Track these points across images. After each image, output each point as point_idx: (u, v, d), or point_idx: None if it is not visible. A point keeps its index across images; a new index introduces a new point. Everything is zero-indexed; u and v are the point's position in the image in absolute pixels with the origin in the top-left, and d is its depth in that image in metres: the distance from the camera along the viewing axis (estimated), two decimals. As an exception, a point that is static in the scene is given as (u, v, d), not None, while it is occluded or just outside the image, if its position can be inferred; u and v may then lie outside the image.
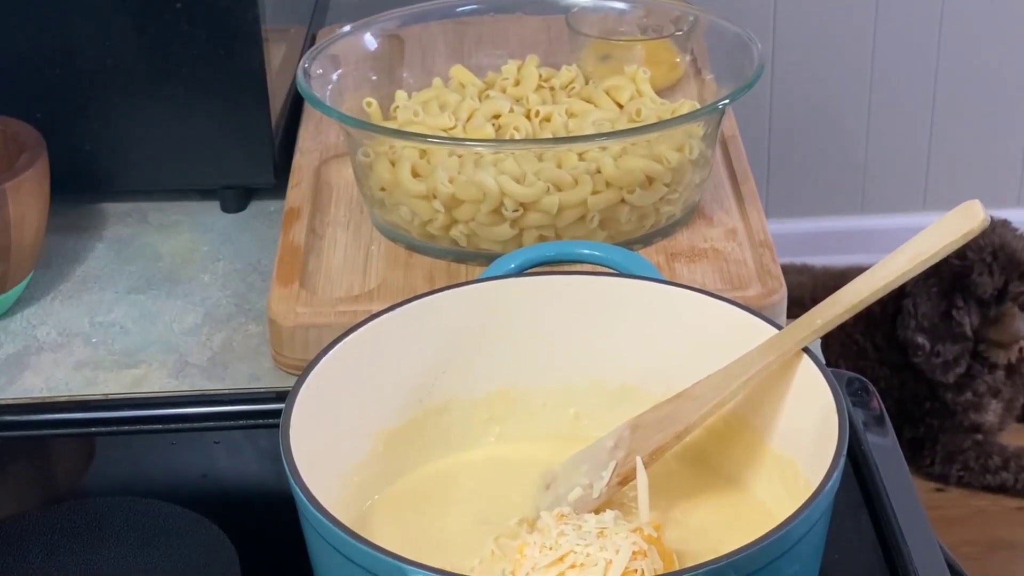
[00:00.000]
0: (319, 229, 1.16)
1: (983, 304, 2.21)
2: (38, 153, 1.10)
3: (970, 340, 2.22)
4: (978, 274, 2.19)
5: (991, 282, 2.19)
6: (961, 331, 2.21)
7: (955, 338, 2.21)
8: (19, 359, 1.10)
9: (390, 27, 1.26)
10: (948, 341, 2.21)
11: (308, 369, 0.81)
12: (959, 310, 2.20)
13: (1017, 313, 2.20)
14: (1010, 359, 2.26)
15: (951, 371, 2.23)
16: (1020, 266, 2.21)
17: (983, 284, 2.19)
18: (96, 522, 0.93)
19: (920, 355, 2.23)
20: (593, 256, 0.96)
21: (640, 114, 1.17)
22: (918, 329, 2.22)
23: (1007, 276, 2.20)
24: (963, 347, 2.22)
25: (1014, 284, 2.20)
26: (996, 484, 2.26)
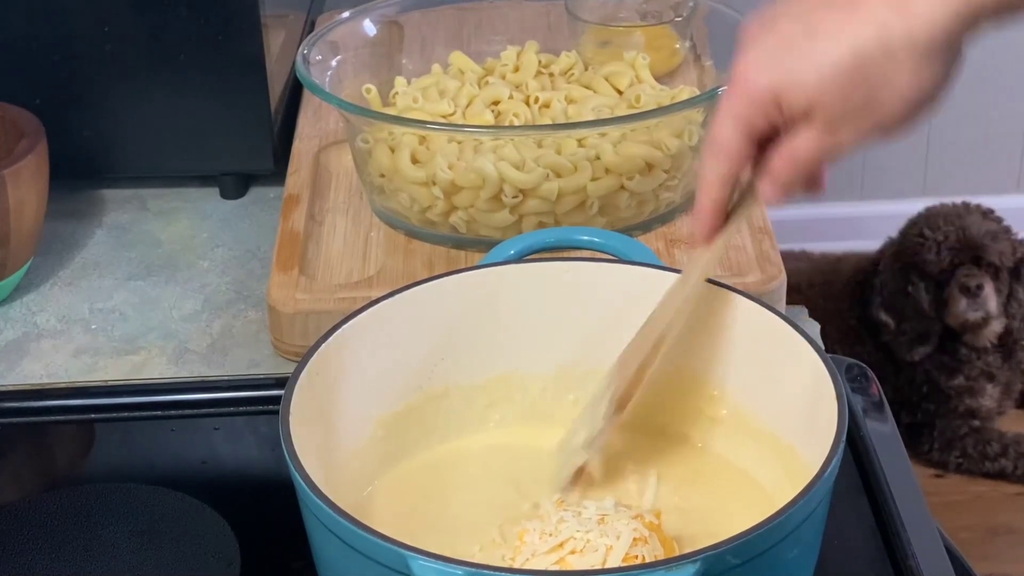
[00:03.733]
0: (318, 215, 1.16)
1: (938, 285, 2.23)
2: (37, 139, 1.10)
3: (932, 318, 2.23)
4: (927, 252, 2.22)
5: (936, 261, 2.22)
6: (919, 308, 2.22)
7: (916, 315, 2.23)
8: (19, 345, 1.10)
9: (389, 13, 1.26)
10: (911, 318, 2.23)
11: (308, 355, 0.81)
12: (915, 286, 2.23)
13: (959, 296, 2.21)
14: (987, 342, 2.27)
15: (915, 349, 2.24)
16: (973, 250, 2.22)
17: (930, 263, 2.22)
18: (96, 508, 0.93)
19: (887, 333, 2.25)
20: (592, 243, 0.96)
21: (640, 100, 1.17)
22: (882, 307, 2.25)
23: (956, 259, 2.22)
24: (926, 325, 2.23)
25: (963, 267, 2.22)
26: (995, 471, 2.27)
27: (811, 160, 0.76)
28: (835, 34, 0.72)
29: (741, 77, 0.76)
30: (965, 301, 2.21)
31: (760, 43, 0.75)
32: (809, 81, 0.73)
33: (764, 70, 0.75)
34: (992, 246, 2.23)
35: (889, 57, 0.72)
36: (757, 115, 0.76)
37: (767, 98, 0.75)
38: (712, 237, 0.82)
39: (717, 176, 0.79)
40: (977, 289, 2.21)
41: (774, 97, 0.75)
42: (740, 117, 0.76)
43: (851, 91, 0.73)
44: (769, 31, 0.75)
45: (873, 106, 0.73)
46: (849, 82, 0.72)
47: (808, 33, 0.73)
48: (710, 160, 0.79)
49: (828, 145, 0.75)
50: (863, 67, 0.72)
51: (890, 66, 0.72)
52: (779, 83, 0.74)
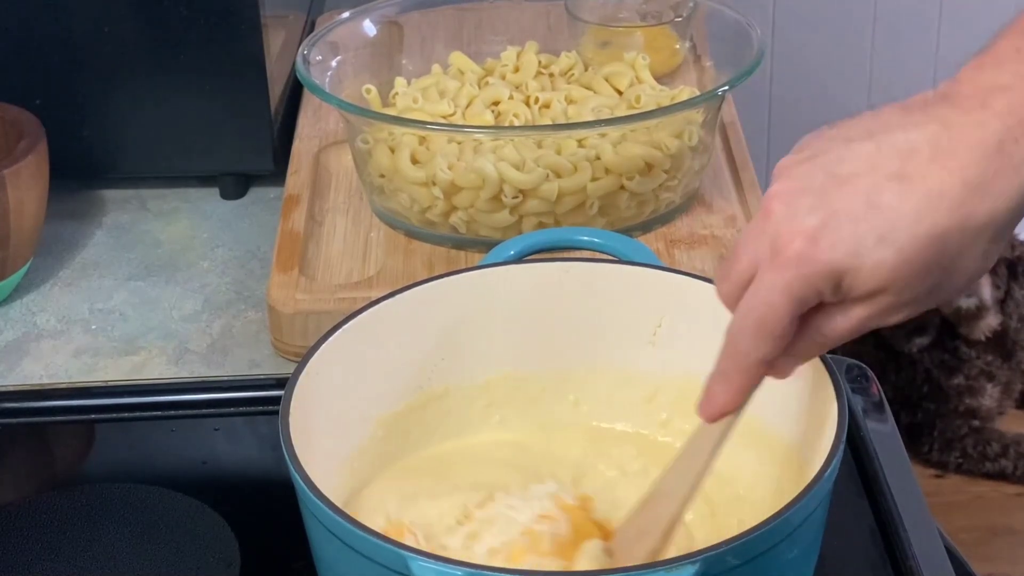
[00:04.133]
0: (318, 216, 1.16)
1: None
2: (37, 139, 1.10)
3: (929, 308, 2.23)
4: None
5: None
6: None
7: None
8: (19, 346, 1.10)
9: (389, 14, 1.26)
10: None
11: (308, 356, 0.81)
12: None
13: None
14: (984, 334, 2.27)
15: (913, 340, 2.25)
16: None
17: None
18: (96, 509, 0.93)
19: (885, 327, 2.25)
20: (592, 243, 0.96)
21: (639, 101, 1.17)
22: None
23: None
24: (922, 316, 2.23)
25: None
26: (995, 471, 2.27)
27: (847, 338, 0.70)
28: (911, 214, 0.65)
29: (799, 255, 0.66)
30: None
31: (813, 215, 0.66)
32: (886, 263, 0.65)
33: (827, 248, 0.66)
34: None
35: (966, 240, 0.66)
36: (812, 294, 0.67)
37: (828, 279, 0.66)
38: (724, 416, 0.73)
39: (760, 358, 0.70)
40: None
41: (836, 279, 0.66)
42: (795, 296, 0.67)
43: (926, 275, 0.66)
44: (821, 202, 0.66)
45: (937, 289, 0.67)
46: (926, 266, 0.66)
47: (874, 210, 0.65)
48: (752, 340, 0.69)
49: (874, 324, 0.69)
50: (941, 250, 0.65)
51: (967, 250, 0.66)
52: (847, 266, 0.66)
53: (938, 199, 0.65)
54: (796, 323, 0.68)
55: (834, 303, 0.68)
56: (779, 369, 0.71)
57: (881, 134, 0.67)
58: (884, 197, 0.66)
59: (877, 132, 0.67)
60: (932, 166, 0.66)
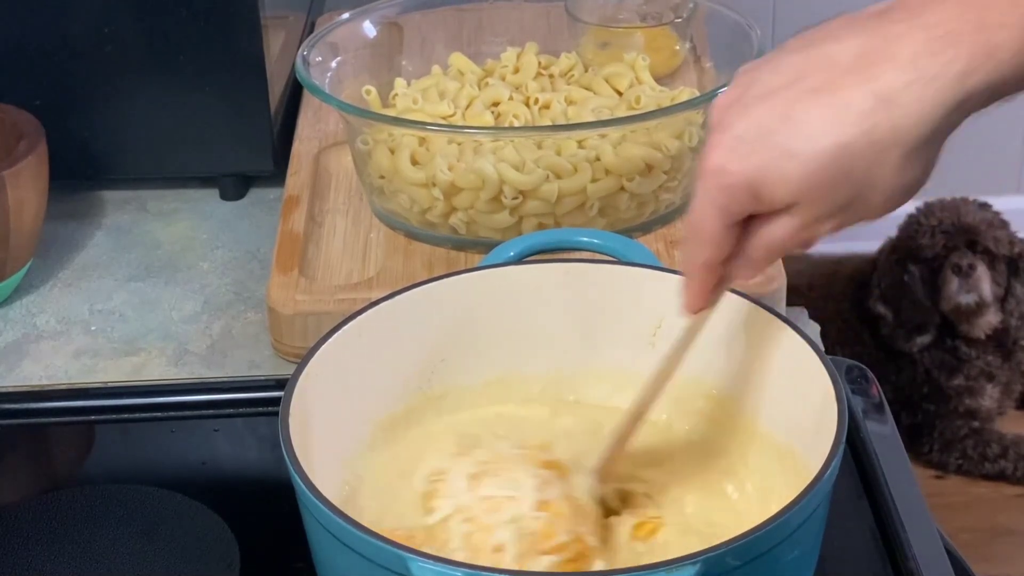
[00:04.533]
0: (318, 217, 1.16)
1: (933, 273, 2.24)
2: (37, 140, 1.10)
3: (928, 308, 2.24)
4: (921, 236, 2.23)
5: (931, 245, 2.23)
6: (915, 297, 2.23)
7: (912, 305, 2.24)
8: (18, 347, 1.10)
9: (389, 14, 1.26)
10: (907, 307, 2.24)
11: (307, 357, 0.81)
12: (910, 274, 2.23)
13: (952, 278, 2.22)
14: (984, 332, 2.27)
15: (914, 339, 2.25)
16: (967, 234, 2.23)
17: (924, 247, 2.23)
18: (95, 510, 0.93)
19: (886, 326, 2.26)
20: (592, 244, 0.96)
21: (639, 101, 1.17)
22: (881, 299, 2.26)
23: (950, 242, 2.23)
24: (924, 316, 2.24)
25: (956, 253, 2.23)
26: (995, 472, 2.27)
27: (789, 247, 0.72)
28: (817, 126, 0.67)
29: (716, 165, 0.70)
30: (957, 282, 2.22)
31: (734, 128, 0.70)
32: (790, 176, 0.68)
33: (739, 160, 0.69)
34: (987, 232, 2.24)
35: (875, 153, 0.67)
36: (735, 204, 0.70)
37: (743, 190, 0.70)
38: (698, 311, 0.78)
39: (701, 262, 0.75)
40: (969, 269, 2.21)
41: (751, 189, 0.69)
42: (718, 206, 0.71)
43: (834, 188, 0.68)
44: (742, 115, 0.69)
45: (857, 202, 0.69)
46: (832, 179, 0.68)
47: (786, 122, 0.68)
48: (693, 246, 0.74)
49: (807, 234, 0.71)
50: (848, 163, 0.67)
51: (876, 162, 0.68)
52: (757, 176, 0.69)
53: (844, 110, 0.67)
54: (732, 230, 0.72)
55: (766, 214, 0.71)
56: (737, 272, 0.75)
57: (814, 46, 0.69)
58: (798, 109, 0.68)
59: (813, 43, 0.70)
60: (847, 77, 0.67)
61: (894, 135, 0.67)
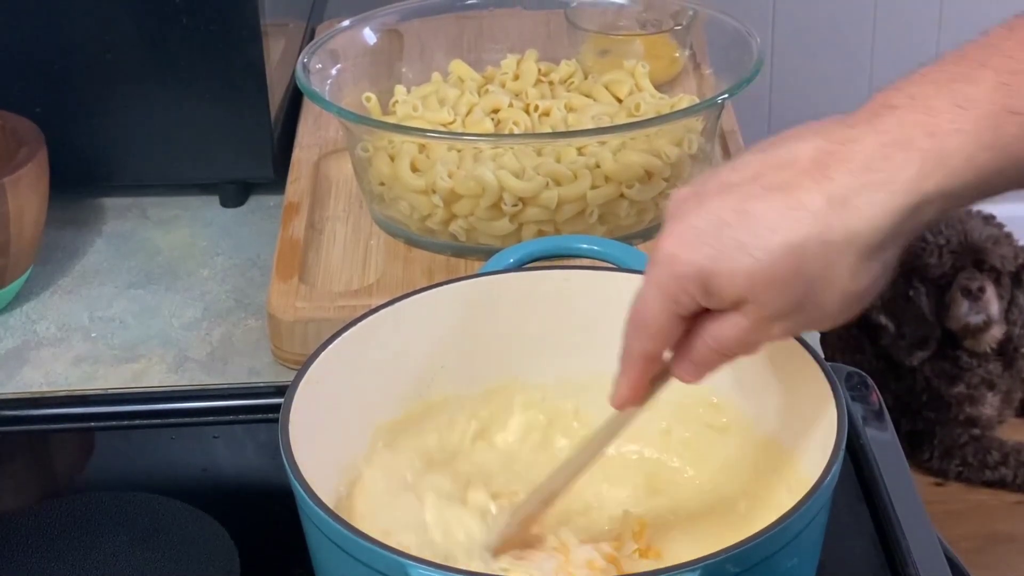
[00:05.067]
0: (318, 224, 1.16)
1: (939, 289, 2.24)
2: (37, 148, 1.10)
3: (932, 323, 2.24)
4: (928, 256, 2.23)
5: (939, 265, 2.22)
6: (920, 313, 2.23)
7: (916, 320, 2.23)
8: (18, 354, 1.10)
9: (389, 22, 1.26)
10: (911, 323, 2.23)
11: (307, 364, 0.81)
12: (916, 291, 2.23)
13: (961, 300, 2.22)
14: (987, 348, 2.27)
15: (915, 353, 2.25)
16: (974, 253, 2.23)
17: (932, 268, 2.23)
18: (95, 517, 0.93)
19: (887, 337, 2.26)
20: (591, 251, 0.96)
21: (639, 109, 1.17)
22: (883, 311, 2.26)
23: (957, 262, 2.23)
24: (926, 330, 2.24)
25: (964, 271, 2.22)
26: (995, 479, 2.27)
27: (737, 347, 0.71)
28: (770, 223, 0.66)
29: (667, 254, 0.69)
30: (967, 304, 2.22)
31: (689, 219, 0.68)
32: (740, 272, 0.67)
33: (691, 251, 0.68)
34: (994, 250, 2.24)
35: (828, 255, 0.66)
36: (683, 295, 0.69)
37: (693, 281, 0.68)
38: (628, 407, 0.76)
39: (640, 352, 0.72)
40: (979, 292, 2.21)
41: (701, 281, 0.68)
42: (665, 295, 0.69)
43: (786, 287, 0.67)
44: (698, 207, 0.68)
45: (808, 304, 0.68)
46: (784, 277, 0.67)
47: (741, 216, 0.67)
48: (633, 334, 0.72)
49: (756, 335, 0.70)
50: (800, 262, 0.66)
51: (829, 264, 0.66)
52: (707, 269, 0.67)
53: (798, 209, 0.66)
54: (678, 323, 0.71)
55: (714, 312, 0.70)
56: (681, 372, 0.73)
57: (775, 146, 0.69)
58: (753, 204, 0.67)
59: (776, 144, 0.69)
60: (803, 177, 0.67)
61: (847, 237, 0.66)
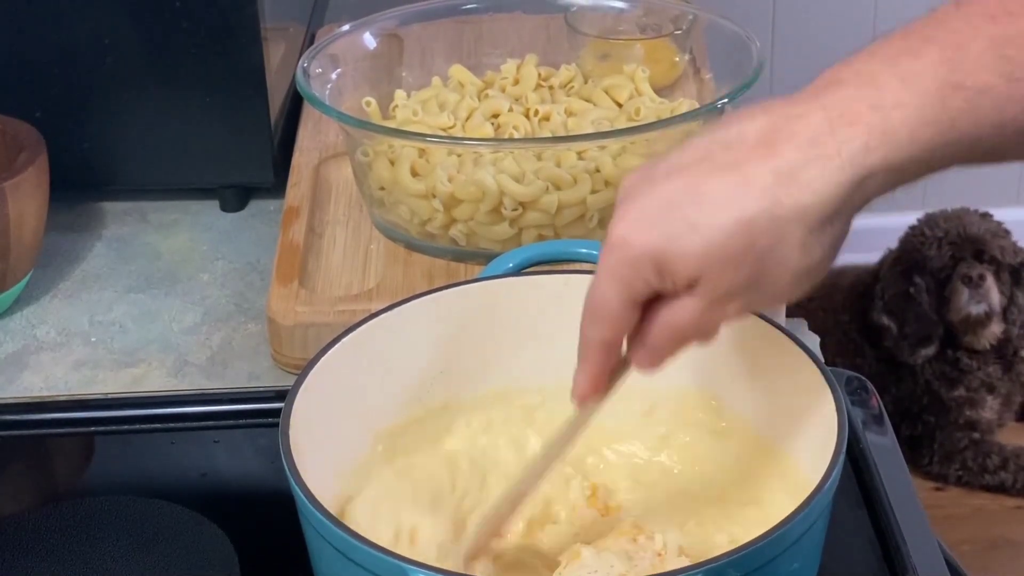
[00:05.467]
0: (318, 228, 1.16)
1: (940, 284, 2.24)
2: (37, 152, 1.10)
3: (933, 320, 2.24)
4: (927, 249, 2.24)
5: (939, 257, 2.23)
6: (921, 310, 2.23)
7: (917, 317, 2.24)
8: (18, 358, 1.10)
9: (389, 26, 1.26)
10: (912, 320, 2.24)
11: (307, 368, 0.81)
12: (916, 287, 2.23)
13: (962, 289, 2.22)
14: (987, 344, 2.27)
15: (918, 351, 2.25)
16: (974, 244, 2.24)
17: (932, 260, 2.23)
18: (95, 521, 0.93)
19: (889, 337, 2.26)
20: (590, 255, 0.96)
21: (639, 113, 1.17)
22: (884, 311, 2.26)
23: (957, 253, 2.23)
24: (928, 327, 2.24)
25: (964, 263, 2.23)
26: (995, 484, 2.27)
27: (692, 330, 0.71)
28: (720, 201, 0.67)
29: (619, 237, 0.69)
30: (967, 293, 2.22)
31: (639, 202, 0.69)
32: (692, 251, 0.67)
33: (643, 233, 0.68)
34: (993, 241, 2.24)
35: (778, 229, 0.67)
36: (637, 279, 0.69)
37: (646, 263, 0.68)
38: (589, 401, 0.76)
39: (598, 341, 0.72)
40: (979, 279, 2.21)
41: (654, 263, 0.68)
42: (620, 280, 0.70)
43: (738, 264, 0.68)
44: (648, 190, 0.69)
45: (761, 278, 0.68)
46: (735, 254, 0.67)
47: (691, 196, 0.68)
48: (589, 323, 0.72)
49: (711, 316, 0.70)
50: (750, 238, 0.67)
51: (779, 238, 0.67)
52: (659, 250, 0.68)
53: (745, 187, 0.67)
54: (633, 308, 0.70)
55: (671, 294, 0.70)
56: (638, 359, 0.73)
57: (724, 127, 0.70)
58: (702, 184, 0.68)
59: (724, 124, 0.70)
60: (751, 155, 0.67)
61: (795, 211, 0.67)
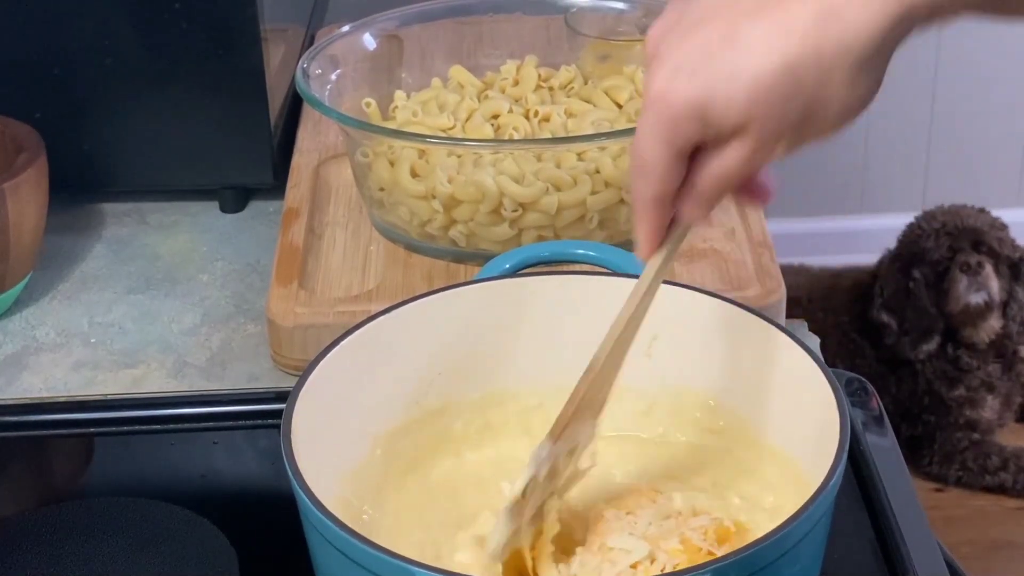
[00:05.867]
0: (318, 229, 1.16)
1: (938, 276, 2.24)
2: (37, 153, 1.10)
3: (933, 314, 2.24)
4: (925, 241, 2.24)
5: (935, 248, 2.23)
6: (921, 304, 2.23)
7: (917, 312, 2.24)
8: (18, 359, 1.10)
9: (389, 27, 1.26)
10: (912, 314, 2.24)
11: (309, 369, 0.81)
12: (915, 281, 2.24)
13: (960, 277, 2.22)
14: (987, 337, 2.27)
15: (919, 347, 2.25)
16: (971, 235, 2.24)
17: (930, 251, 2.24)
18: (95, 522, 0.93)
19: (890, 335, 2.26)
20: (588, 256, 0.96)
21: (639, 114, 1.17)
22: (884, 308, 2.26)
23: (954, 243, 2.24)
24: (929, 322, 2.24)
25: (962, 253, 2.23)
26: (995, 484, 2.27)
27: (741, 175, 0.71)
28: (761, 44, 0.66)
29: (659, 92, 0.69)
30: (966, 280, 2.22)
31: (674, 53, 0.68)
32: (738, 97, 0.67)
33: (683, 85, 0.68)
34: (990, 232, 2.25)
35: (823, 69, 0.67)
36: (681, 132, 0.69)
37: (690, 114, 0.68)
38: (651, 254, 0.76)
39: (651, 197, 0.72)
40: (978, 267, 2.22)
41: (699, 113, 0.68)
42: (663, 135, 0.69)
43: (784, 105, 0.67)
44: (682, 39, 0.68)
45: (807, 119, 0.68)
46: (781, 96, 0.67)
47: (729, 42, 0.67)
48: (640, 182, 0.72)
49: (759, 159, 0.70)
50: (796, 80, 0.67)
51: (825, 77, 0.67)
52: (703, 98, 0.68)
53: (789, 29, 0.66)
54: (680, 161, 0.70)
55: (714, 143, 0.69)
56: (688, 209, 0.73)
57: None
58: (740, 28, 0.67)
59: None
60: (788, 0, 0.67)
61: (840, 48, 0.66)
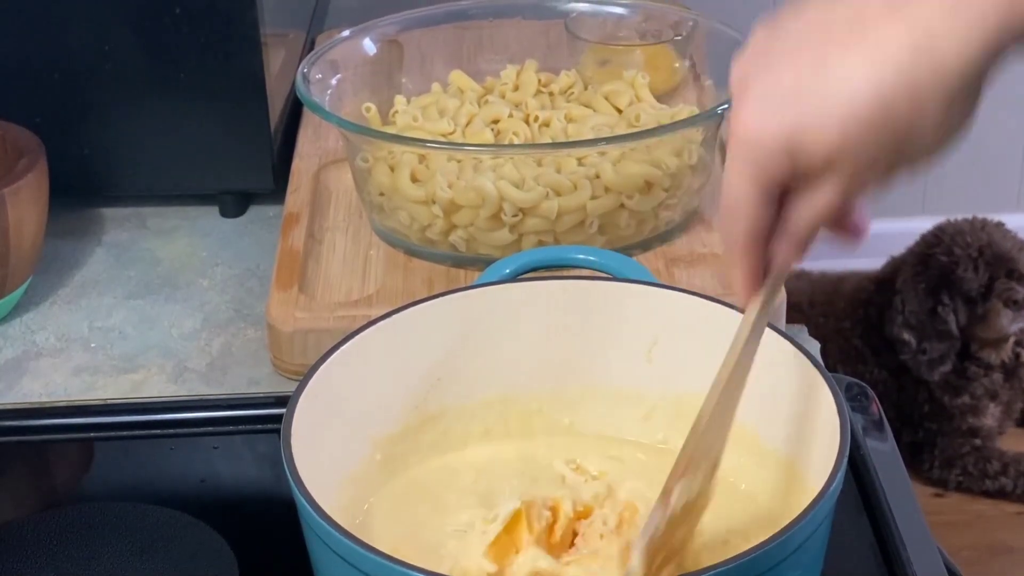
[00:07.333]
0: (318, 234, 1.16)
1: (970, 301, 2.23)
2: (37, 158, 1.10)
3: (956, 338, 2.23)
4: (963, 270, 2.22)
5: (976, 278, 2.22)
6: (946, 329, 2.23)
7: (940, 335, 2.23)
8: (18, 364, 1.10)
9: (389, 32, 1.26)
10: (934, 338, 2.23)
11: (309, 374, 0.81)
12: (944, 307, 2.23)
13: (1002, 310, 2.22)
14: (1003, 359, 2.27)
15: (936, 369, 2.25)
16: (1007, 263, 2.23)
17: (968, 280, 2.22)
18: (95, 527, 0.93)
19: (907, 352, 2.25)
20: (588, 261, 0.96)
21: (639, 119, 1.17)
22: (905, 326, 2.25)
23: (993, 273, 2.22)
24: (949, 345, 2.24)
25: (1000, 281, 2.22)
26: (995, 489, 2.27)
27: (833, 212, 0.68)
28: (853, 76, 0.64)
29: (746, 129, 0.66)
30: (1011, 315, 2.21)
31: (760, 87, 0.66)
32: (829, 130, 0.64)
33: (770, 120, 0.65)
34: (1020, 257, 2.24)
35: (917, 100, 0.63)
36: (770, 170, 0.66)
37: (780, 150, 0.66)
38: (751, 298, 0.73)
39: (742, 241, 0.70)
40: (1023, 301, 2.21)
41: (788, 147, 0.65)
42: (753, 173, 0.67)
43: (876, 140, 0.64)
44: (768, 72, 0.66)
45: (900, 151, 0.65)
46: (874, 130, 0.64)
47: (819, 73, 0.64)
48: (729, 225, 0.70)
49: (852, 194, 0.67)
50: (889, 113, 0.64)
51: (918, 108, 0.64)
52: (792, 135, 0.65)
53: (883, 59, 0.64)
54: (769, 202, 0.68)
55: (805, 180, 0.67)
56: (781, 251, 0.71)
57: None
58: (829, 61, 0.64)
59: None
60: (880, 21, 0.64)
61: (935, 80, 0.63)
